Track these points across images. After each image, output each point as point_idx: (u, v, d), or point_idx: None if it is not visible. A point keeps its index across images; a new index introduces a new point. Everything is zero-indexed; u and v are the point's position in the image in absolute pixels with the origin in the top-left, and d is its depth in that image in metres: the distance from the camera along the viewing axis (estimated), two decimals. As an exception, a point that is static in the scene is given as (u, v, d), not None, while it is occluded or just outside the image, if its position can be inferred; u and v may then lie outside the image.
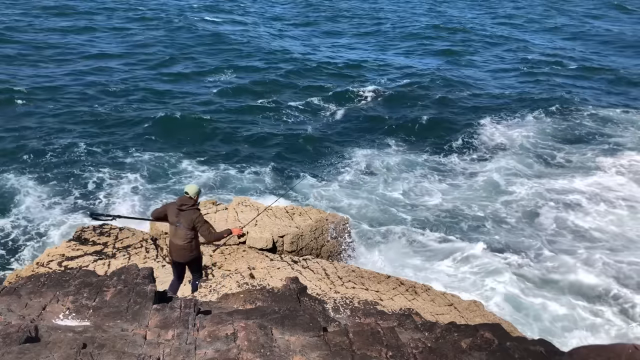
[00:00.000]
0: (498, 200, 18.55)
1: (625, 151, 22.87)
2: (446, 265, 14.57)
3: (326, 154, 22.03)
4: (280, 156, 21.39)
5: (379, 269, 13.37)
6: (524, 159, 21.84)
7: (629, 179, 20.24)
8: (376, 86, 30.74)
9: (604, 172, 20.73)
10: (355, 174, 20.24)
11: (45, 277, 5.84)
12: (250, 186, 19.06)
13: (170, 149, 21.47)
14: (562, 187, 19.48)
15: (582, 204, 18.29)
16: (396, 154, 22.16)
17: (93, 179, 18.70)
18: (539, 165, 21.48)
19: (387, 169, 20.67)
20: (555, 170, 21.01)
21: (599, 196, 18.81)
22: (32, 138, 21.25)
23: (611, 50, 42.52)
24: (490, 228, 16.88)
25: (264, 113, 25.99)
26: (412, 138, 23.99)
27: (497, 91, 30.83)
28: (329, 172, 20.52)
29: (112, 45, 36.14)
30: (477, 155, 22.40)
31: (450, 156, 22.22)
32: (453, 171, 20.87)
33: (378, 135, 24.08)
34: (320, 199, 18.25)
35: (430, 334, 5.54)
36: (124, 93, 27.08)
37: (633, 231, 16.73)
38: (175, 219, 7.90)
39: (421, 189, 19.26)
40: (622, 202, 18.49)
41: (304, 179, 19.58)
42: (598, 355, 4.46)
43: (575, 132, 24.97)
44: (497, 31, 48.39)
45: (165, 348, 4.49)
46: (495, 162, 21.47)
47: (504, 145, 23.33)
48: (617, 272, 14.58)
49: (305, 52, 37.65)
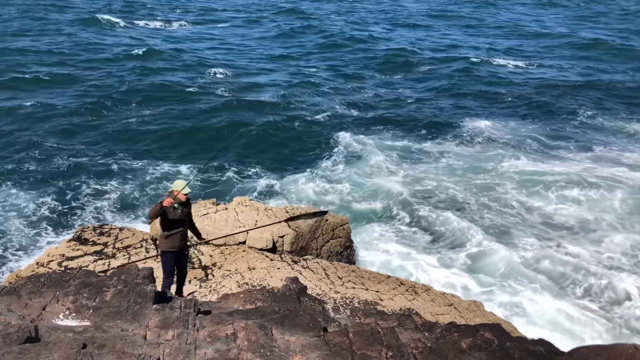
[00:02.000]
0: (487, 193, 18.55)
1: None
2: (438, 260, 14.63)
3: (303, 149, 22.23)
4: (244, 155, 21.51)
5: (378, 268, 13.38)
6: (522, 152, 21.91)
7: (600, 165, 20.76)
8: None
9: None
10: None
11: (45, 277, 5.84)
12: (248, 187, 19.08)
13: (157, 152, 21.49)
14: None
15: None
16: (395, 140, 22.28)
17: (93, 179, 18.71)
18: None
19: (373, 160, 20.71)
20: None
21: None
22: (27, 142, 21.25)
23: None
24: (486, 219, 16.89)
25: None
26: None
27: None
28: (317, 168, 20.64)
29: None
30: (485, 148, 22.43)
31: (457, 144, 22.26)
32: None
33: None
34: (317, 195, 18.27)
35: (430, 334, 5.54)
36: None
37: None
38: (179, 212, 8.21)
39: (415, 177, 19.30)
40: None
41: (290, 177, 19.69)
42: (598, 355, 4.46)
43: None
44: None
45: (165, 348, 4.49)
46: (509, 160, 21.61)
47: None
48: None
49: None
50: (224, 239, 11.81)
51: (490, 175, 20.35)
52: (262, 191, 18.74)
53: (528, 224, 17.19)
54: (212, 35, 45.06)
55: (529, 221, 17.34)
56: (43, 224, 15.97)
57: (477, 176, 20.33)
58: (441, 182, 19.78)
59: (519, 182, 19.67)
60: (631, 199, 18.49)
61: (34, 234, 15.45)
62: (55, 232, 15.65)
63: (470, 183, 19.72)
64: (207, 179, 19.44)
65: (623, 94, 31.20)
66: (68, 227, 15.81)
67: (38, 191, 17.65)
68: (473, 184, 19.63)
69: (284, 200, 18.19)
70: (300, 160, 21.48)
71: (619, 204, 18.36)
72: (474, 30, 51.12)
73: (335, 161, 21.33)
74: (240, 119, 25.07)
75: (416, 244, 15.70)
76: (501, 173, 20.52)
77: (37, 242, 15.11)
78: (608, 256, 15.44)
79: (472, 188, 19.32)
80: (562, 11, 65.73)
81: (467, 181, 19.88)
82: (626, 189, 19.10)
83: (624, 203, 18.36)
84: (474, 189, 19.26)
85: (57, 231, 15.67)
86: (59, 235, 15.44)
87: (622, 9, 64.98)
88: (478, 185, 19.53)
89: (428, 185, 19.53)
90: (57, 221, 16.16)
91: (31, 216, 16.26)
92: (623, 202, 18.40)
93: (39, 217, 16.26)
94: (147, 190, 18.42)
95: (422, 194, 18.83)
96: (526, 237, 16.42)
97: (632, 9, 65.19)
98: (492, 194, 18.99)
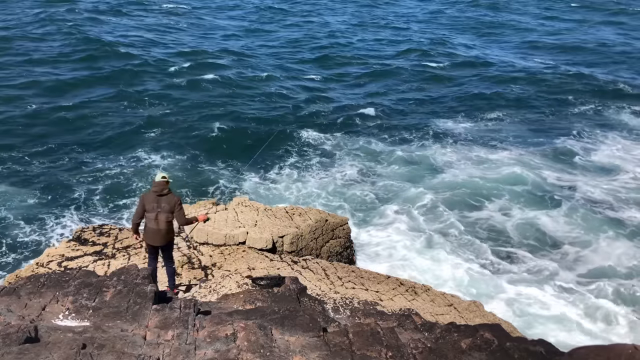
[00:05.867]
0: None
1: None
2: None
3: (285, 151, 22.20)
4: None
5: (378, 268, 13.38)
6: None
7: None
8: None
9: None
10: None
11: (45, 278, 5.85)
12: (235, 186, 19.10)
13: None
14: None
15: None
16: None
17: (93, 179, 18.71)
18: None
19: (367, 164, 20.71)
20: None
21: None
22: (28, 141, 21.29)
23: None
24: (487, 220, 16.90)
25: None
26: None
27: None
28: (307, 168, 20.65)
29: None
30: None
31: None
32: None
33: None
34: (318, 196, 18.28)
35: (430, 334, 5.54)
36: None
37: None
38: (156, 205, 8.16)
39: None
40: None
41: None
42: (598, 356, 4.46)
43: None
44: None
45: (165, 348, 4.49)
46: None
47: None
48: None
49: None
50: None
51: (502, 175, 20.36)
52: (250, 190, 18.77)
53: (527, 223, 17.20)
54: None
55: (527, 220, 17.35)
56: (43, 224, 15.97)
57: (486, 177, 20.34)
58: (440, 183, 19.80)
59: (511, 191, 19.67)
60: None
61: (33, 234, 15.44)
62: (55, 232, 15.65)
63: (478, 185, 19.74)
64: (197, 179, 19.47)
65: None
66: (68, 227, 15.81)
67: (38, 191, 17.63)
68: (483, 186, 19.63)
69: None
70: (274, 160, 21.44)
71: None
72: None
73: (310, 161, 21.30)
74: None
75: (416, 244, 15.70)
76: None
77: (37, 242, 15.10)
78: (609, 256, 15.45)
79: (481, 190, 19.31)
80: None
81: (474, 184, 19.89)
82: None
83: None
84: (483, 190, 19.27)
85: (57, 231, 15.67)
86: (58, 235, 15.45)
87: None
88: (487, 187, 19.56)
89: (426, 186, 19.54)
90: (56, 221, 16.16)
91: (31, 216, 16.25)
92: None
93: (38, 217, 16.25)
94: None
95: (421, 194, 18.83)
96: (526, 236, 16.44)
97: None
98: (492, 194, 19.00)
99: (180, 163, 20.49)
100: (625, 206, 18.45)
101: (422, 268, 14.35)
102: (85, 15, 43.55)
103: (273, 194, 18.70)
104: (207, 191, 18.59)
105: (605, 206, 18.39)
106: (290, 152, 22.11)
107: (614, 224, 17.27)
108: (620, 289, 13.92)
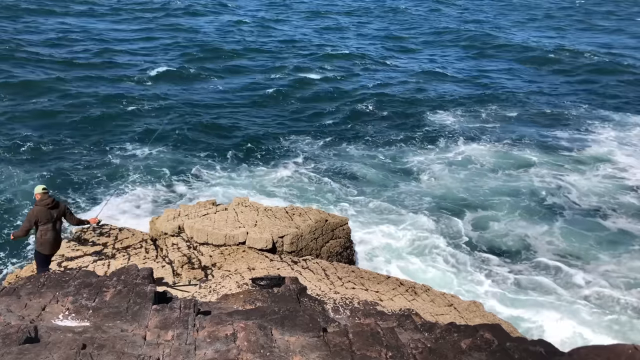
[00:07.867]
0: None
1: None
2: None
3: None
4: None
5: (378, 268, 13.38)
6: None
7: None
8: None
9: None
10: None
11: (45, 278, 5.85)
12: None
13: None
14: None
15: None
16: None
17: (92, 179, 18.71)
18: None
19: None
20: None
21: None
22: (33, 134, 21.30)
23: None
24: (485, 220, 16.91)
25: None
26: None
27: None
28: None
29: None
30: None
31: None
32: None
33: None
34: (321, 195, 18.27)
35: (430, 334, 5.53)
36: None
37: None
38: (50, 217, 8.53)
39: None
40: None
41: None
42: (597, 356, 4.46)
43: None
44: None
45: (165, 348, 4.49)
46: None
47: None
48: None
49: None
50: (224, 239, 11.83)
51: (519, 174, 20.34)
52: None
53: (525, 223, 17.21)
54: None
55: (527, 221, 17.35)
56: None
57: (492, 175, 20.34)
58: (448, 185, 19.80)
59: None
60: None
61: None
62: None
63: (480, 185, 19.74)
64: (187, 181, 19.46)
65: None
66: (68, 227, 15.78)
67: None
68: (482, 186, 19.64)
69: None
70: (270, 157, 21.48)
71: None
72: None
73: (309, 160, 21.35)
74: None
75: (417, 245, 15.70)
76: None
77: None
78: (610, 257, 15.45)
79: (481, 189, 19.33)
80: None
81: (479, 184, 19.89)
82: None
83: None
84: (486, 189, 19.28)
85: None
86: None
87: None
88: (488, 185, 19.56)
89: (426, 187, 19.54)
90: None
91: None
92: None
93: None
94: (148, 190, 18.41)
95: (421, 194, 18.83)
96: (526, 237, 16.43)
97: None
98: (492, 194, 19.00)
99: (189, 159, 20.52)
100: (622, 209, 18.48)
101: (422, 268, 14.36)
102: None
103: (272, 194, 18.70)
104: (207, 192, 18.59)
105: (602, 208, 18.42)
106: (291, 152, 22.11)
107: (614, 224, 17.27)
108: (620, 288, 13.92)
